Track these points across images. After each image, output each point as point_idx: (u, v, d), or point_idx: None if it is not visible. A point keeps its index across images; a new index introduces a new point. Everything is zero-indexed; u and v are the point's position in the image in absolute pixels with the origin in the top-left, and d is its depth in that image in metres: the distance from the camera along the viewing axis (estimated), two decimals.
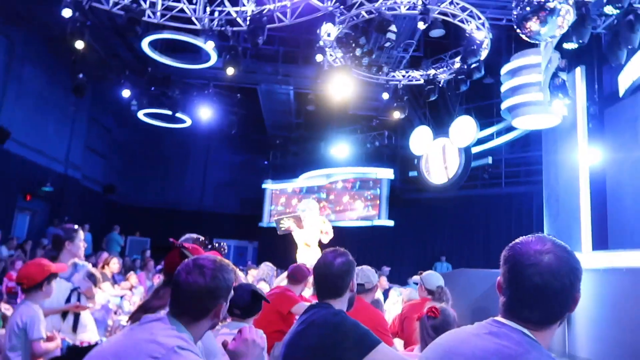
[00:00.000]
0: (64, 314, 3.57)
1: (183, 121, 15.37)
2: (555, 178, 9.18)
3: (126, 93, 13.55)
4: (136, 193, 18.31)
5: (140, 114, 14.69)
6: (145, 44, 11.15)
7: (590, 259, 5.97)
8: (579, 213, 8.21)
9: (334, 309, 2.07)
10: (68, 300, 3.60)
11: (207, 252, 2.13)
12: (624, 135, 8.55)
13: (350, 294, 2.19)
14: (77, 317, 3.59)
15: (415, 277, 4.27)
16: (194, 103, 14.59)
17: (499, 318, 1.24)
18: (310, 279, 4.41)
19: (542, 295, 1.18)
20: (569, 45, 7.62)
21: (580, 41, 6.84)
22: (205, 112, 14.60)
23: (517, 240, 1.27)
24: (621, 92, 8.49)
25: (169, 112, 14.02)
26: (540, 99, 8.78)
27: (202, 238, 3.01)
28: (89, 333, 3.64)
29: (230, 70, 10.67)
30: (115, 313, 5.91)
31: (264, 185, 18.47)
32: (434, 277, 4.18)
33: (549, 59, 8.16)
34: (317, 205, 6.62)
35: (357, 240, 14.05)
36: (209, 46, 10.35)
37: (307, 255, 6.22)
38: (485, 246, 13.43)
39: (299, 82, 14.28)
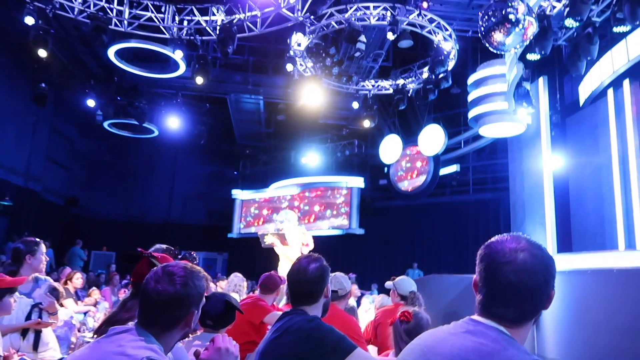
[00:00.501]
0: (24, 332, 3.40)
1: (150, 131, 15.10)
2: (521, 184, 9.42)
3: (91, 103, 13.23)
4: (101, 206, 17.82)
5: (106, 124, 14.36)
6: (111, 53, 10.93)
7: (557, 262, 6.13)
8: (543, 218, 8.44)
9: (308, 315, 2.06)
10: (29, 317, 3.44)
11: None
12: (585, 142, 8.85)
13: (324, 300, 2.18)
14: (38, 334, 3.42)
15: (388, 283, 4.29)
16: (162, 113, 14.36)
17: (476, 317, 1.25)
18: (283, 287, 4.38)
19: (517, 293, 1.20)
20: (532, 57, 7.88)
21: (543, 52, 7.08)
22: (174, 122, 14.38)
23: (492, 239, 1.29)
24: (581, 102, 8.82)
25: (136, 123, 13.75)
26: (506, 108, 9.03)
27: (172, 248, 2.93)
28: (50, 351, 3.48)
29: (199, 80, 10.56)
30: (79, 330, 5.70)
31: (233, 195, 18.29)
32: (406, 283, 4.20)
33: (513, 70, 8.41)
34: (296, 215, 6.57)
35: (328, 250, 14.01)
36: (178, 55, 10.23)
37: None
38: (455, 252, 13.63)
39: (269, 91, 14.26)
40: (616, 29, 7.24)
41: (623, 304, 5.14)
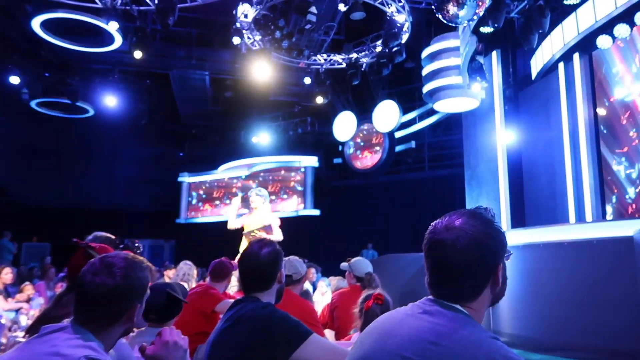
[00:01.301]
0: None
1: (85, 111, 14.46)
2: (476, 160, 9.71)
3: (15, 80, 12.49)
4: (31, 193, 17.02)
5: (34, 104, 13.61)
6: (36, 24, 10.30)
7: (510, 237, 6.41)
8: (498, 193, 8.76)
9: (262, 302, 2.05)
10: None
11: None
12: (537, 116, 9.21)
13: (278, 286, 2.18)
14: None
15: (344, 264, 4.34)
16: (98, 91, 13.77)
17: (432, 297, 1.27)
18: (236, 273, 4.34)
19: (453, 271, 1.21)
20: (485, 29, 8.05)
21: (496, 25, 7.25)
22: (111, 101, 13.83)
23: (437, 220, 1.31)
24: (533, 75, 9.13)
25: (68, 101, 13.11)
26: (460, 82, 9.23)
27: (112, 237, 2.84)
28: None
29: (137, 54, 10.18)
30: (10, 329, 5.46)
31: (179, 179, 17.94)
32: (362, 264, 4.26)
33: (467, 43, 8.58)
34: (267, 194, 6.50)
35: (282, 233, 14.03)
36: (112, 27, 9.79)
37: None
38: (412, 231, 13.95)
39: (215, 66, 13.94)
40: (567, 1, 7.50)
41: (572, 276, 5.45)
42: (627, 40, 7.51)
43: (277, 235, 6.05)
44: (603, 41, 7.25)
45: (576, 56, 8.31)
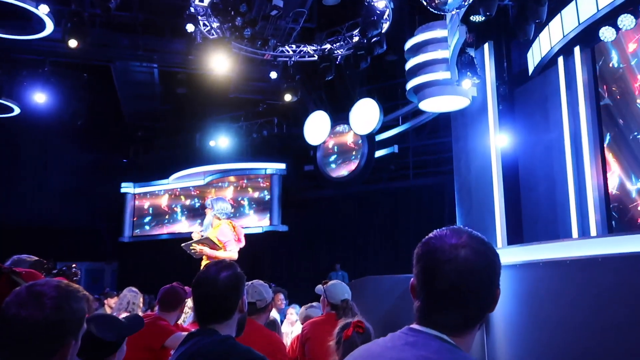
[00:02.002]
0: None
1: (10, 110, 14.13)
2: (467, 167, 9.86)
3: None
4: None
5: None
6: None
7: (506, 254, 6.50)
8: (492, 205, 8.91)
9: (220, 335, 2.04)
10: None
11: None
12: (534, 116, 9.42)
13: (239, 316, 2.17)
14: None
15: (319, 287, 4.35)
16: (25, 86, 13.50)
17: (415, 325, 1.29)
18: (189, 302, 4.28)
19: (459, 296, 1.25)
20: (476, 18, 8.22)
21: (488, 13, 7.41)
22: (41, 98, 13.57)
23: (430, 235, 1.33)
24: (530, 70, 9.36)
25: None
26: (448, 78, 9.38)
27: (43, 261, 2.78)
28: None
29: (73, 43, 10.05)
30: None
31: (123, 190, 17.72)
32: (338, 289, 4.28)
33: (455, 34, 8.74)
34: (230, 205, 6.56)
35: (245, 252, 13.96)
36: (43, 10, 9.63)
37: None
38: (395, 248, 14.07)
39: (165, 58, 13.84)
40: None
41: (578, 297, 5.57)
42: None
43: (227, 253, 6.04)
44: (606, 33, 7.49)
45: (577, 50, 8.56)
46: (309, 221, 15.57)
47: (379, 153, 13.45)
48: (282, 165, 15.89)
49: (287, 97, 13.11)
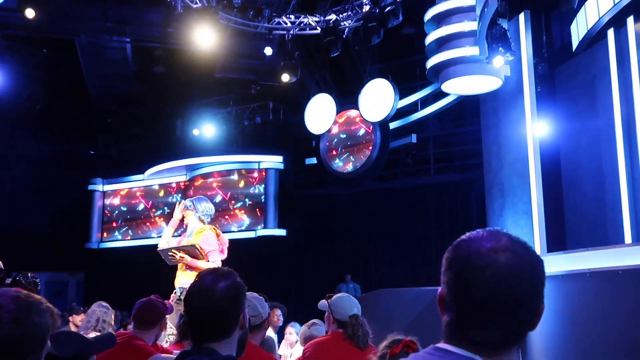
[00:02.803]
0: None
1: None
2: (499, 160, 9.85)
3: None
4: None
5: None
6: None
7: (546, 263, 6.48)
8: (529, 205, 8.89)
9: (221, 356, 2.05)
10: None
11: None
12: (579, 100, 9.39)
13: (240, 333, 2.18)
14: None
15: (322, 303, 4.35)
16: None
17: (443, 345, 1.29)
18: (171, 318, 4.26)
19: (499, 308, 1.25)
20: None
21: None
22: None
23: (463, 237, 1.34)
24: (574, 46, 9.31)
25: None
26: (476, 54, 9.35)
27: None
28: None
29: (30, 13, 10.05)
30: None
31: (91, 187, 17.74)
32: (346, 303, 4.28)
33: (485, 1, 8.71)
34: (213, 208, 6.63)
35: (234, 260, 13.95)
36: None
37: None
38: (413, 257, 14.06)
39: (139, 31, 13.85)
40: None
41: (628, 313, 5.56)
42: None
43: (209, 265, 6.08)
44: None
45: (630, 20, 8.51)
46: (311, 224, 15.56)
47: (393, 144, 13.42)
48: (279, 158, 15.87)
49: (285, 78, 13.08)
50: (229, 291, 2.13)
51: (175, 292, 6.16)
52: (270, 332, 6.73)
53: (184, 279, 6.18)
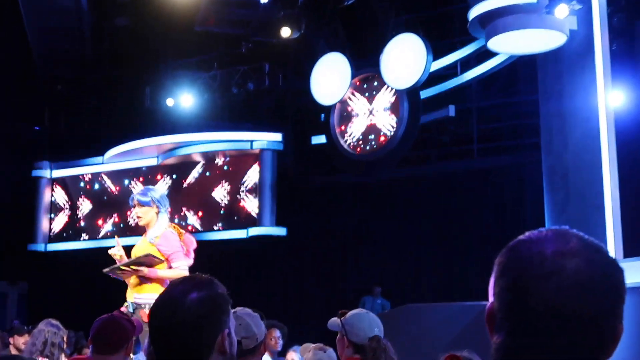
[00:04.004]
0: None
1: None
2: (562, 139, 9.82)
3: None
4: None
5: None
6: None
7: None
8: (601, 197, 8.86)
9: None
10: None
11: None
12: None
13: (222, 359, 2.18)
14: None
15: (334, 321, 4.36)
16: None
17: None
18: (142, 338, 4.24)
19: (566, 328, 1.24)
20: None
21: None
22: None
23: (522, 237, 1.33)
24: None
25: None
26: (534, 1, 9.30)
27: None
28: None
29: None
30: None
31: (35, 173, 17.76)
32: (364, 322, 4.30)
33: None
34: (167, 199, 6.62)
35: (220, 266, 13.98)
36: None
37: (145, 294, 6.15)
38: (449, 263, 14.04)
39: None
40: None
41: None
42: None
43: (173, 272, 6.12)
44: None
45: None
46: (319, 222, 15.55)
47: (425, 118, 13.38)
48: (278, 137, 15.85)
49: (285, 33, 13.05)
50: (201, 305, 2.13)
51: (126, 307, 6.17)
52: (267, 358, 6.77)
53: (137, 293, 6.20)
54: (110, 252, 6.42)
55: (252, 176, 15.70)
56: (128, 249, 6.50)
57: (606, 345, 1.28)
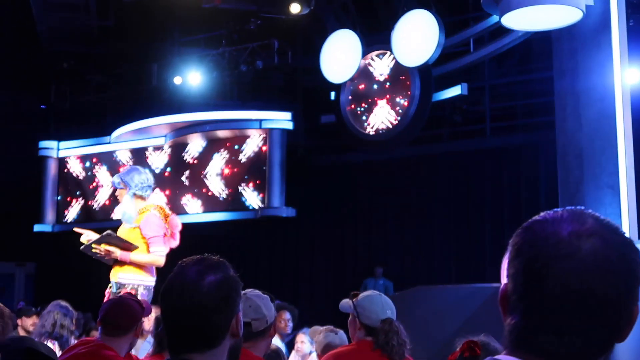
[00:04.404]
0: None
1: None
2: (576, 118, 9.78)
3: None
4: None
5: None
6: None
7: None
8: (616, 178, 8.84)
9: None
10: None
11: None
12: None
13: (232, 342, 2.21)
14: None
15: (346, 302, 4.37)
16: None
17: (504, 357, 1.30)
18: (147, 322, 4.29)
19: (581, 309, 1.25)
20: None
21: None
22: None
23: (537, 217, 1.34)
24: None
25: None
26: None
27: None
28: None
29: None
30: None
31: (42, 152, 17.81)
32: (377, 304, 4.31)
33: None
34: (152, 178, 6.73)
35: (228, 248, 14.03)
36: None
37: (129, 274, 6.20)
38: (462, 244, 14.04)
39: None
40: None
41: None
42: None
43: (149, 256, 6.18)
44: None
45: None
46: (329, 202, 15.55)
47: (437, 96, 13.35)
48: (287, 115, 15.84)
49: (295, 8, 13.03)
50: (219, 288, 2.15)
51: (110, 287, 6.22)
52: (277, 341, 6.80)
53: (122, 272, 6.25)
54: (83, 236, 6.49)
55: (261, 155, 15.69)
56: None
57: (622, 327, 1.28)
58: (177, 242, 6.47)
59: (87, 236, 6.39)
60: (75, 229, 6.60)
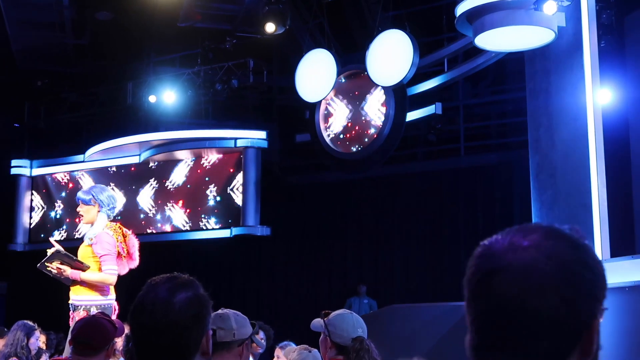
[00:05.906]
0: None
1: None
2: (549, 137, 9.85)
3: None
4: None
5: None
6: None
7: (609, 271, 6.52)
8: (589, 196, 8.89)
9: None
10: None
11: None
12: None
13: None
14: None
15: (317, 322, 4.35)
16: None
17: None
18: (120, 342, 4.25)
19: (516, 324, 1.23)
20: None
21: None
22: None
23: (499, 233, 1.32)
24: None
25: None
26: None
27: None
28: None
29: None
30: None
31: (14, 171, 17.68)
32: (347, 323, 4.29)
33: None
34: (114, 195, 6.70)
35: (202, 267, 13.97)
36: None
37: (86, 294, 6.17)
38: (437, 263, 14.06)
39: None
40: None
41: None
42: None
43: (100, 275, 6.15)
44: None
45: None
46: (304, 221, 15.54)
47: (411, 115, 13.39)
48: (262, 134, 15.84)
49: (270, 28, 13.03)
50: (190, 305, 2.15)
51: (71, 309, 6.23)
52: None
53: (74, 294, 6.27)
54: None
55: (236, 175, 15.66)
56: None
57: (568, 345, 1.24)
58: (136, 262, 6.46)
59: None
60: (51, 239, 6.55)
